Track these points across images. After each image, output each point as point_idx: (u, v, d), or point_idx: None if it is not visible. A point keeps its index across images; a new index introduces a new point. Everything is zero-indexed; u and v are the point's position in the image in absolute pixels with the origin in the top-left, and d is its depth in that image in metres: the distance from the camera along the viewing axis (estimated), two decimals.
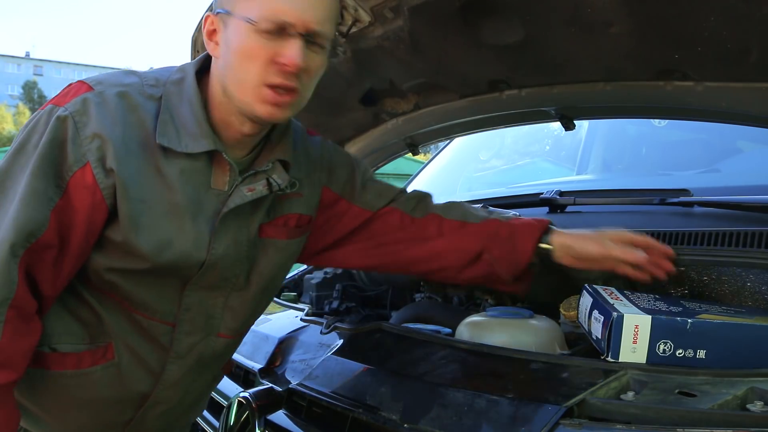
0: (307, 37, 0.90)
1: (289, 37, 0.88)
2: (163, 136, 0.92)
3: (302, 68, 0.89)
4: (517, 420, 0.85)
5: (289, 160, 1.03)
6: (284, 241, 1.07)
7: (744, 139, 1.79)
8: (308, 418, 1.15)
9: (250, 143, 1.02)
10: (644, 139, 2.16)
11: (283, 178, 1.01)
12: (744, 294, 1.14)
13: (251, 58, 0.89)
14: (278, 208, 1.07)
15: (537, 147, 2.68)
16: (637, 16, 1.20)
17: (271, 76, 0.89)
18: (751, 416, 0.75)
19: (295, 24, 0.88)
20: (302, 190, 1.09)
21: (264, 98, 0.91)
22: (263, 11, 0.87)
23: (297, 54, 0.88)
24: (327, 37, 0.92)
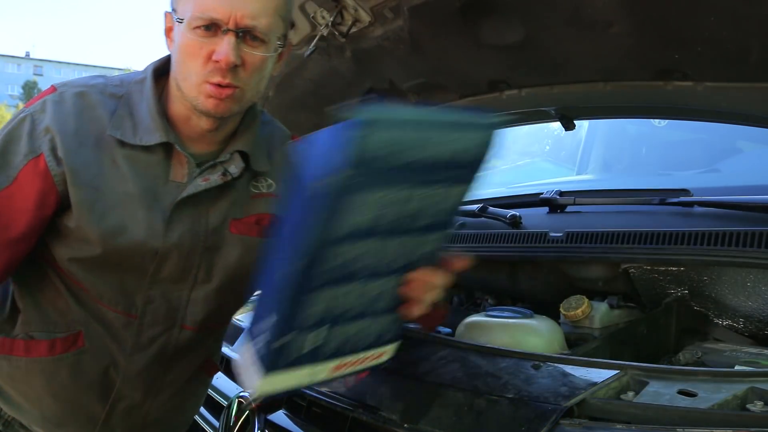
0: (241, 32, 0.91)
1: (221, 34, 0.91)
2: (116, 129, 0.98)
3: (235, 64, 0.91)
4: (517, 420, 0.85)
5: (247, 150, 1.05)
6: (255, 239, 1.07)
7: (744, 139, 1.79)
8: (308, 418, 1.15)
9: (213, 139, 1.04)
10: (644, 139, 2.16)
11: (238, 167, 1.04)
12: (744, 294, 1.14)
13: (191, 56, 0.93)
14: (252, 206, 1.08)
15: (537, 147, 2.68)
16: (637, 16, 1.20)
17: (210, 75, 0.92)
18: (751, 416, 0.75)
19: (225, 20, 0.90)
20: (278, 191, 1.10)
21: (207, 93, 0.94)
22: (195, 10, 0.90)
23: (227, 51, 0.90)
24: (265, 31, 0.93)
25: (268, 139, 1.13)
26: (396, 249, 0.71)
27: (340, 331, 0.75)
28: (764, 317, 1.12)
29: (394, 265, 0.73)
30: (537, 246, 1.42)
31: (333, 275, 0.68)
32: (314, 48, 1.57)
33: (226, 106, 0.96)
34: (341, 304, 0.71)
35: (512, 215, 1.56)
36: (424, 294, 0.81)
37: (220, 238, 1.06)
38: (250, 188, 1.08)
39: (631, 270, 1.27)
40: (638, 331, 1.20)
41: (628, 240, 1.26)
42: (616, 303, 1.30)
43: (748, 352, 1.06)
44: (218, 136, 1.04)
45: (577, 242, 1.34)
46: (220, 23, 0.90)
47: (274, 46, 0.96)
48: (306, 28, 1.58)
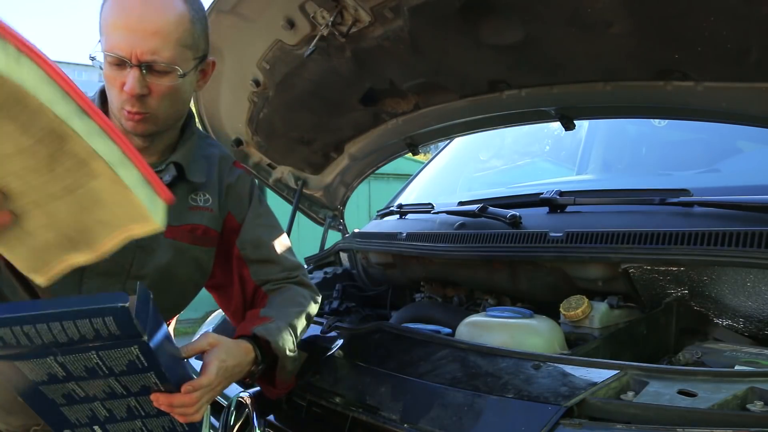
0: (144, 66, 1.03)
1: (128, 68, 1.03)
2: None
3: (141, 94, 1.04)
4: (517, 420, 0.85)
5: (182, 162, 1.17)
6: (186, 245, 1.19)
7: (744, 139, 1.79)
8: (308, 418, 1.15)
9: (154, 150, 1.17)
10: (644, 139, 2.16)
11: (170, 175, 1.15)
12: (744, 294, 1.14)
13: (110, 85, 1.06)
14: (188, 216, 1.19)
15: (537, 147, 2.68)
16: (637, 16, 1.20)
17: (124, 103, 1.06)
18: (751, 416, 0.75)
19: (128, 56, 1.02)
20: (213, 207, 1.23)
21: (124, 117, 1.07)
22: (106, 46, 1.03)
23: (131, 84, 1.02)
24: (168, 62, 1.04)
25: (208, 158, 1.25)
26: (110, 384, 0.88)
27: (117, 427, 0.96)
28: (764, 317, 1.12)
29: (128, 391, 0.90)
30: (537, 246, 1.42)
31: (67, 399, 0.89)
32: (314, 48, 1.57)
33: (142, 127, 1.09)
34: (100, 413, 0.92)
35: (512, 215, 1.56)
36: (181, 411, 0.93)
37: (155, 241, 1.13)
38: (188, 200, 1.19)
39: (631, 270, 1.27)
40: (638, 331, 1.20)
41: (628, 240, 1.25)
42: (616, 303, 1.30)
43: (748, 352, 1.06)
44: (157, 149, 1.17)
45: (577, 242, 1.34)
46: (125, 59, 1.02)
47: (181, 74, 1.07)
48: (306, 28, 1.58)
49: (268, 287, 1.29)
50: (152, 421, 0.96)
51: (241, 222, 1.28)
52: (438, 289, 1.83)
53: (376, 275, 2.08)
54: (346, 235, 2.42)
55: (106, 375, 0.86)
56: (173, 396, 0.92)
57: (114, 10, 1.03)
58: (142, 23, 1.02)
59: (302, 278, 1.33)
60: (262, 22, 1.63)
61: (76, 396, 0.89)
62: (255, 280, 1.28)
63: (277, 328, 1.14)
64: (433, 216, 1.93)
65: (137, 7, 1.02)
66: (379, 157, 2.30)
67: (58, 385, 0.87)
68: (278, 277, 1.30)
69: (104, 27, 1.04)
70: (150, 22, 1.02)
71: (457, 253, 1.61)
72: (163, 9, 1.04)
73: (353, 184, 2.48)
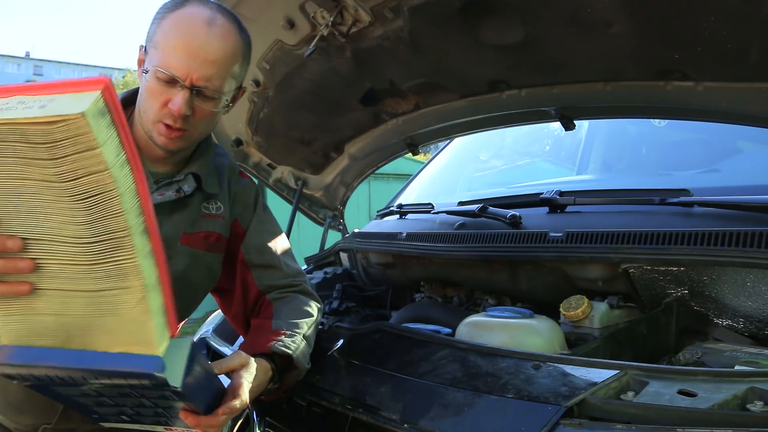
0: (195, 89, 1.07)
1: (179, 87, 1.06)
2: None
3: (186, 115, 1.07)
4: (517, 420, 0.85)
5: (199, 173, 1.21)
6: (201, 252, 1.23)
7: (744, 139, 1.79)
8: (308, 418, 1.15)
9: (171, 161, 1.19)
10: (644, 139, 2.16)
11: (191, 186, 1.20)
12: (744, 294, 1.14)
13: (153, 97, 1.08)
14: (202, 224, 1.23)
15: (537, 147, 2.68)
16: (637, 16, 1.20)
17: (164, 117, 1.08)
18: (751, 416, 0.75)
19: (183, 78, 1.05)
20: (224, 215, 1.27)
21: (159, 131, 1.10)
22: (161, 63, 1.05)
23: (180, 104, 1.06)
24: (216, 90, 1.09)
25: (219, 168, 1.29)
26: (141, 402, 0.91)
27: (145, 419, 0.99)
28: (764, 317, 1.12)
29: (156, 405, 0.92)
30: (537, 246, 1.42)
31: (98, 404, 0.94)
32: (314, 48, 1.57)
33: (175, 144, 1.11)
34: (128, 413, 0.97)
35: (512, 215, 1.56)
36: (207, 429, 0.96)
37: (171, 248, 1.17)
38: (202, 209, 1.23)
39: (631, 270, 1.27)
40: (638, 331, 1.20)
41: (628, 240, 1.25)
42: (616, 303, 1.30)
43: (748, 352, 1.06)
44: (175, 159, 1.19)
45: (577, 242, 1.34)
46: (179, 80, 1.05)
47: (224, 102, 1.12)
48: (306, 28, 1.58)
49: (272, 295, 1.30)
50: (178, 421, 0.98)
51: (246, 228, 1.32)
52: (438, 289, 1.83)
53: (376, 275, 2.08)
54: (346, 235, 2.42)
55: (138, 397, 0.89)
56: (200, 417, 0.94)
57: (176, 30, 1.06)
58: (204, 51, 1.05)
59: (305, 287, 1.36)
60: (262, 22, 1.63)
61: (108, 402, 0.93)
62: (259, 285, 1.30)
63: (293, 342, 1.17)
64: (433, 216, 1.93)
65: (202, 34, 1.05)
66: (379, 157, 2.30)
67: (90, 398, 0.91)
68: (282, 284, 1.32)
69: (161, 43, 1.06)
70: (211, 52, 1.06)
71: (457, 253, 1.61)
72: (225, 39, 1.08)
73: (353, 184, 2.48)
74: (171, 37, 1.06)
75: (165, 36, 1.07)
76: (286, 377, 1.18)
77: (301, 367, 1.18)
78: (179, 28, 1.06)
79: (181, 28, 1.06)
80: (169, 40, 1.06)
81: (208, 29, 1.06)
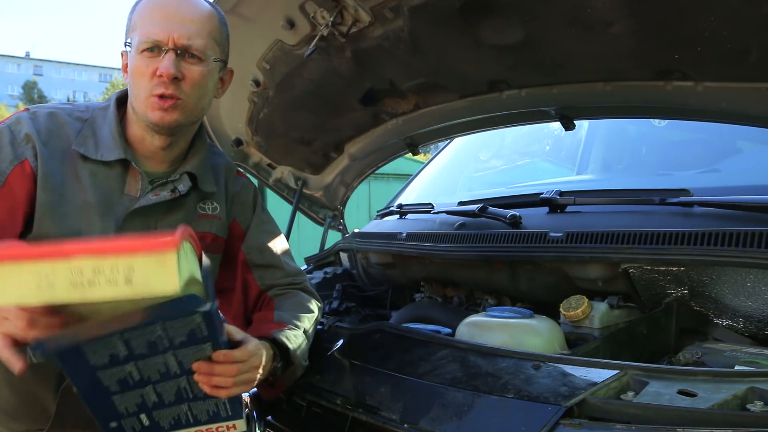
0: (179, 50, 1.09)
1: (163, 53, 1.08)
2: (80, 146, 1.14)
3: (176, 76, 1.08)
4: (517, 420, 0.85)
5: (195, 172, 1.21)
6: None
7: (744, 139, 1.79)
8: (308, 418, 1.16)
9: (166, 158, 1.20)
10: (644, 139, 2.16)
11: (186, 186, 1.20)
12: (744, 294, 1.14)
13: (140, 75, 1.10)
14: (198, 225, 1.23)
15: (537, 147, 2.68)
16: (637, 16, 1.20)
17: (155, 88, 1.09)
18: (751, 416, 0.75)
19: (165, 41, 1.08)
20: (221, 215, 1.27)
21: (153, 106, 1.10)
22: (141, 36, 1.09)
23: (167, 65, 1.07)
24: (201, 49, 1.11)
25: (215, 167, 1.30)
26: (167, 361, 0.90)
27: (164, 413, 0.97)
28: (764, 317, 1.12)
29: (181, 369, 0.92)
30: (537, 246, 1.42)
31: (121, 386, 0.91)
32: (314, 48, 1.57)
33: (171, 117, 1.11)
34: (150, 399, 0.94)
35: (512, 215, 1.56)
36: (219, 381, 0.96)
37: None
38: (198, 209, 1.24)
39: (631, 270, 1.27)
40: (638, 331, 1.20)
41: (628, 240, 1.26)
42: (616, 303, 1.30)
43: (748, 352, 1.06)
44: (170, 156, 1.20)
45: (577, 242, 1.34)
46: (162, 44, 1.08)
47: (210, 65, 1.13)
48: (306, 28, 1.58)
49: (273, 292, 1.31)
50: (199, 404, 0.99)
51: (245, 228, 1.33)
52: (438, 289, 1.83)
53: (376, 275, 2.08)
54: (346, 235, 2.42)
55: (165, 349, 0.88)
56: (214, 364, 0.95)
57: (150, 5, 1.11)
58: (180, 12, 1.10)
59: (306, 285, 1.37)
60: (262, 22, 1.63)
61: (131, 380, 0.92)
62: (260, 284, 1.31)
63: (294, 336, 1.17)
64: (433, 216, 1.93)
65: (174, 1, 1.11)
66: (379, 157, 2.30)
67: (116, 368, 0.89)
68: (283, 283, 1.33)
69: (138, 21, 1.10)
70: (186, 12, 1.10)
71: (457, 253, 1.61)
72: (197, 3, 1.13)
73: (353, 184, 2.48)
74: (145, 13, 1.10)
75: (140, 15, 1.11)
76: (284, 374, 1.18)
77: (297, 363, 1.17)
78: (152, 3, 1.11)
79: (154, 1, 1.11)
80: (143, 15, 1.10)
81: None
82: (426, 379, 1.04)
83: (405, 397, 1.01)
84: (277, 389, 1.22)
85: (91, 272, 0.70)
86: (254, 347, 1.02)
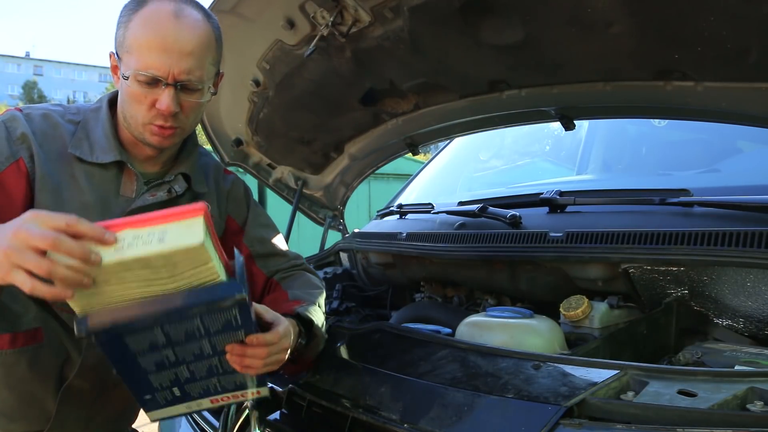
0: (179, 85, 1.07)
1: (162, 86, 1.06)
2: (76, 148, 1.14)
3: (175, 112, 1.09)
4: (517, 420, 0.85)
5: (189, 173, 1.24)
6: None
7: (744, 139, 1.79)
8: (308, 418, 1.15)
9: (159, 160, 1.22)
10: (644, 139, 2.16)
11: (182, 186, 1.22)
12: (744, 294, 1.14)
13: (137, 101, 1.09)
14: None
15: (537, 147, 2.68)
16: (637, 16, 1.20)
17: (154, 119, 1.10)
18: (751, 416, 0.75)
19: (164, 77, 1.06)
20: (213, 213, 1.25)
21: (152, 132, 1.11)
22: (139, 66, 1.05)
23: (168, 102, 1.07)
24: (199, 81, 1.10)
25: (205, 168, 1.32)
26: (201, 345, 0.94)
27: (195, 386, 1.02)
28: (764, 317, 1.12)
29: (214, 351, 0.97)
30: (537, 246, 1.42)
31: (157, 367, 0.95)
32: (314, 48, 1.57)
33: (169, 141, 1.14)
34: (183, 375, 0.99)
35: (512, 215, 1.56)
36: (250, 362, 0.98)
37: None
38: None
39: (631, 270, 1.27)
40: (638, 331, 1.20)
41: (628, 240, 1.26)
42: (616, 303, 1.30)
43: (748, 352, 1.06)
44: (163, 158, 1.22)
45: (577, 242, 1.34)
46: (161, 79, 1.06)
47: (207, 89, 1.13)
48: (306, 28, 1.58)
49: (279, 276, 1.35)
50: (227, 377, 1.03)
51: (242, 223, 1.35)
52: (438, 289, 1.83)
53: (376, 275, 2.08)
54: (346, 235, 2.42)
55: (201, 336, 0.93)
56: (247, 347, 0.97)
57: (146, 30, 1.05)
58: (179, 44, 1.05)
59: (306, 266, 1.41)
60: (262, 22, 1.63)
61: (167, 362, 0.96)
62: (265, 272, 1.34)
63: (314, 310, 1.19)
64: (433, 216, 1.93)
65: (171, 28, 1.05)
66: (379, 157, 2.30)
67: (155, 353, 0.93)
68: (286, 266, 1.37)
69: (134, 45, 1.06)
70: (186, 43, 1.06)
71: (457, 253, 1.61)
72: (195, 29, 1.07)
73: (353, 184, 2.48)
74: (142, 38, 1.05)
75: (136, 38, 1.06)
76: (306, 349, 1.19)
77: (320, 335, 1.19)
78: (148, 27, 1.05)
79: (150, 26, 1.05)
80: (141, 41, 1.05)
81: (177, 22, 1.05)
82: (426, 379, 1.04)
83: (405, 397, 1.01)
84: (300, 366, 1.23)
85: (131, 238, 0.80)
86: (284, 329, 1.04)
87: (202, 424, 1.46)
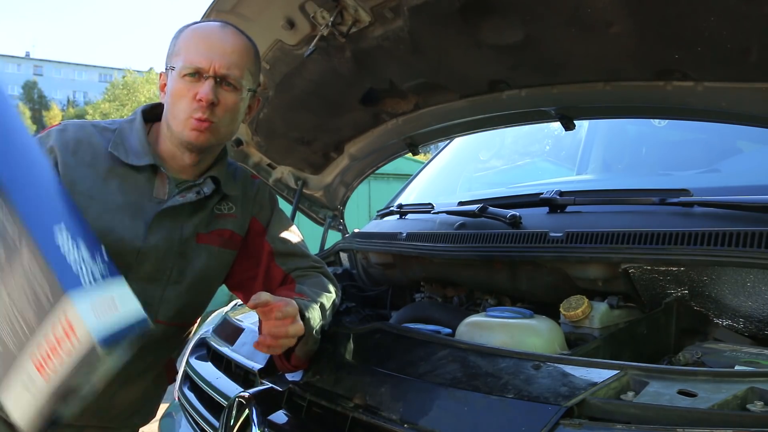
0: (218, 78, 1.19)
1: (204, 79, 1.18)
2: (114, 149, 1.25)
3: (213, 102, 1.18)
4: (517, 420, 0.85)
5: (218, 176, 1.32)
6: (216, 248, 1.34)
7: (744, 139, 1.79)
8: (308, 418, 1.15)
9: (194, 172, 1.31)
10: (644, 139, 2.16)
11: (209, 188, 1.30)
12: (744, 294, 1.14)
13: (181, 97, 1.20)
14: (215, 223, 1.34)
15: (537, 147, 2.68)
16: (637, 16, 1.20)
17: (194, 111, 1.19)
18: (751, 416, 0.75)
19: (206, 69, 1.18)
20: (237, 213, 1.37)
21: (191, 127, 1.20)
22: (185, 62, 1.19)
23: (207, 91, 1.17)
24: (237, 79, 1.21)
25: (233, 172, 1.42)
26: None
27: None
28: (764, 317, 1.12)
29: None
30: (537, 246, 1.42)
31: None
32: (314, 48, 1.57)
33: (205, 137, 1.21)
34: None
35: (512, 215, 1.56)
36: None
37: (189, 247, 1.29)
38: (214, 209, 1.34)
39: (631, 270, 1.27)
40: (638, 331, 1.20)
41: (628, 240, 1.25)
42: (616, 303, 1.30)
43: (748, 352, 1.06)
44: (197, 171, 1.31)
45: (577, 242, 1.34)
46: (203, 71, 1.18)
47: (243, 93, 1.24)
48: (306, 28, 1.58)
49: (296, 273, 1.40)
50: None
51: (266, 224, 1.43)
52: (438, 289, 1.83)
53: (376, 275, 2.08)
54: (346, 235, 2.42)
55: None
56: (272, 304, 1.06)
57: (195, 35, 1.22)
58: (222, 43, 1.21)
59: (326, 270, 1.46)
60: (262, 22, 1.63)
61: None
62: (284, 269, 1.40)
63: (311, 305, 1.23)
64: (433, 216, 1.93)
65: (218, 32, 1.23)
66: (379, 157, 2.30)
67: None
68: (305, 266, 1.42)
69: (182, 48, 1.21)
70: (228, 44, 1.21)
71: (457, 253, 1.61)
72: (237, 37, 1.24)
73: (353, 184, 2.48)
74: (191, 41, 1.21)
75: (185, 42, 1.22)
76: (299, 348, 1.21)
77: (307, 329, 1.19)
78: (197, 33, 1.23)
79: (199, 32, 1.23)
80: (189, 43, 1.21)
81: (222, 29, 1.23)
82: (426, 379, 1.04)
83: (405, 397, 1.01)
84: (293, 364, 1.26)
85: None
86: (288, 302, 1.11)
87: (201, 424, 1.46)
